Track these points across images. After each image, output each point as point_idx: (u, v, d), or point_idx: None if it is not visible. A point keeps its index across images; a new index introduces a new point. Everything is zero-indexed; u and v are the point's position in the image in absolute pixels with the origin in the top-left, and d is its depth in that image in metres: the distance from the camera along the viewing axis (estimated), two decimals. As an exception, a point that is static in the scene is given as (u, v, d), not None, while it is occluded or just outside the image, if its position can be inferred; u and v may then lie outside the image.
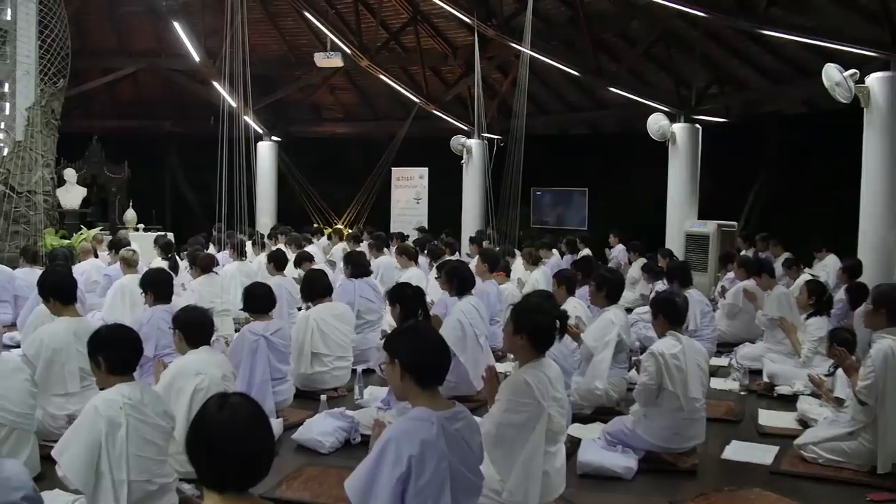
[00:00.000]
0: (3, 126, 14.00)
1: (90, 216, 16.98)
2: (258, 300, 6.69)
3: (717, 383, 7.77)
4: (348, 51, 17.57)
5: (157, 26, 18.49)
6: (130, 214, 16.90)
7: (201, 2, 16.84)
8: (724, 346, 9.30)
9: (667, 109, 14.93)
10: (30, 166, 14.01)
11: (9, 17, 14.01)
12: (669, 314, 5.59)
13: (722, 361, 8.67)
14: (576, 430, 5.83)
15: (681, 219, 14.98)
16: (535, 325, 4.29)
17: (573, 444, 5.45)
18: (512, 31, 15.07)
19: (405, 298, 6.10)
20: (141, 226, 16.75)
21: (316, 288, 7.65)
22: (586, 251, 14.13)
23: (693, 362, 5.42)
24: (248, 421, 2.47)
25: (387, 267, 12.02)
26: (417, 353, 3.35)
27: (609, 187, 17.49)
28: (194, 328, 5.23)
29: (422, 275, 10.85)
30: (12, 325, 8.94)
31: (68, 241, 14.51)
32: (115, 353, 4.19)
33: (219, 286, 9.53)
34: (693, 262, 13.32)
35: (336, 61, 17.39)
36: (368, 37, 17.76)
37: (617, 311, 6.69)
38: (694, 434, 5.45)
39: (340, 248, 14.31)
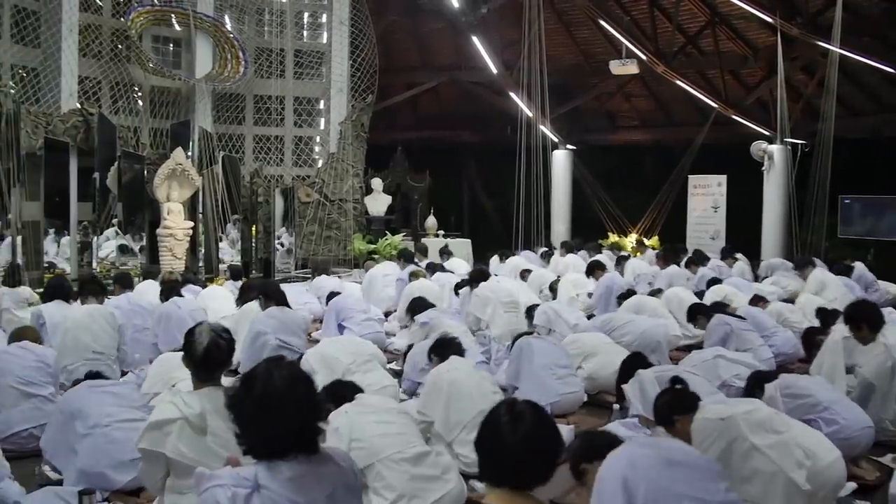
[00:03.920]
0: (318, 140, 15.26)
1: (394, 222, 18.01)
2: None
3: None
4: (644, 57, 17.43)
5: (457, 41, 19.27)
6: (431, 221, 17.77)
7: (499, 16, 17.37)
8: None
9: None
10: (341, 176, 15.22)
11: (325, 41, 15.27)
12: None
13: None
14: (890, 459, 5.40)
15: None
16: None
17: (885, 475, 5.06)
18: (818, 29, 14.32)
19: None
20: (441, 232, 17.55)
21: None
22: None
23: None
24: (528, 427, 2.60)
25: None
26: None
27: (929, 194, 16.06)
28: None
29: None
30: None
31: (374, 246, 15.53)
32: None
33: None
34: None
35: (631, 68, 17.31)
36: (664, 42, 17.54)
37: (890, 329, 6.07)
38: None
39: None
